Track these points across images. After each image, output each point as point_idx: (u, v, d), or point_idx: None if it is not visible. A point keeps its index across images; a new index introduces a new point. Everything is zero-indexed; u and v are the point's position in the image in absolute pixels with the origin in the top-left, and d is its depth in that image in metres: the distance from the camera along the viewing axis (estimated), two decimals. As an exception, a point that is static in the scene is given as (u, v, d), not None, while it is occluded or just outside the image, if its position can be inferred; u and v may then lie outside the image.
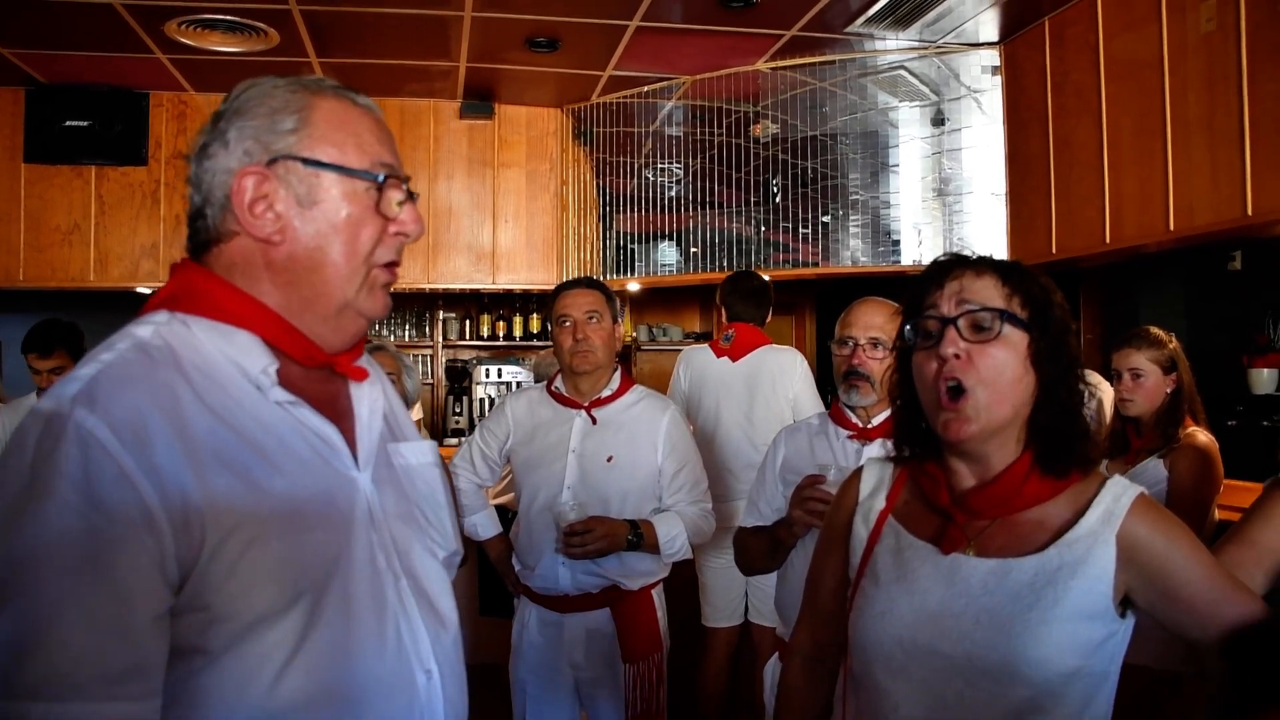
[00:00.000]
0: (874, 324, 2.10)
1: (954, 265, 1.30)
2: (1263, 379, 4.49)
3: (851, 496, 1.45)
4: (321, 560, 0.96)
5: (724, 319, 3.83)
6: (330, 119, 1.03)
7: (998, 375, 1.23)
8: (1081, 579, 1.21)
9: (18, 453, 0.87)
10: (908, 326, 1.31)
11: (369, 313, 1.06)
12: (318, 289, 1.02)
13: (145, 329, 0.98)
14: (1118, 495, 1.26)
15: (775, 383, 3.64)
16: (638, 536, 2.46)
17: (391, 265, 1.07)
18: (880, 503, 1.40)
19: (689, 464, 2.63)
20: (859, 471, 1.48)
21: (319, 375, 1.07)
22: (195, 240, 1.05)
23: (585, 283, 2.69)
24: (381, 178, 1.04)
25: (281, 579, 0.92)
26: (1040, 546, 1.24)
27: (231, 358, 0.98)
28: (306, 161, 1.01)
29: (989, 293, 1.26)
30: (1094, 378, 2.93)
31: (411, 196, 1.07)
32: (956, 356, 1.23)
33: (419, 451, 1.19)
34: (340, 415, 1.06)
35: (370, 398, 1.11)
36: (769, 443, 3.66)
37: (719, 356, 3.75)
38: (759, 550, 2.22)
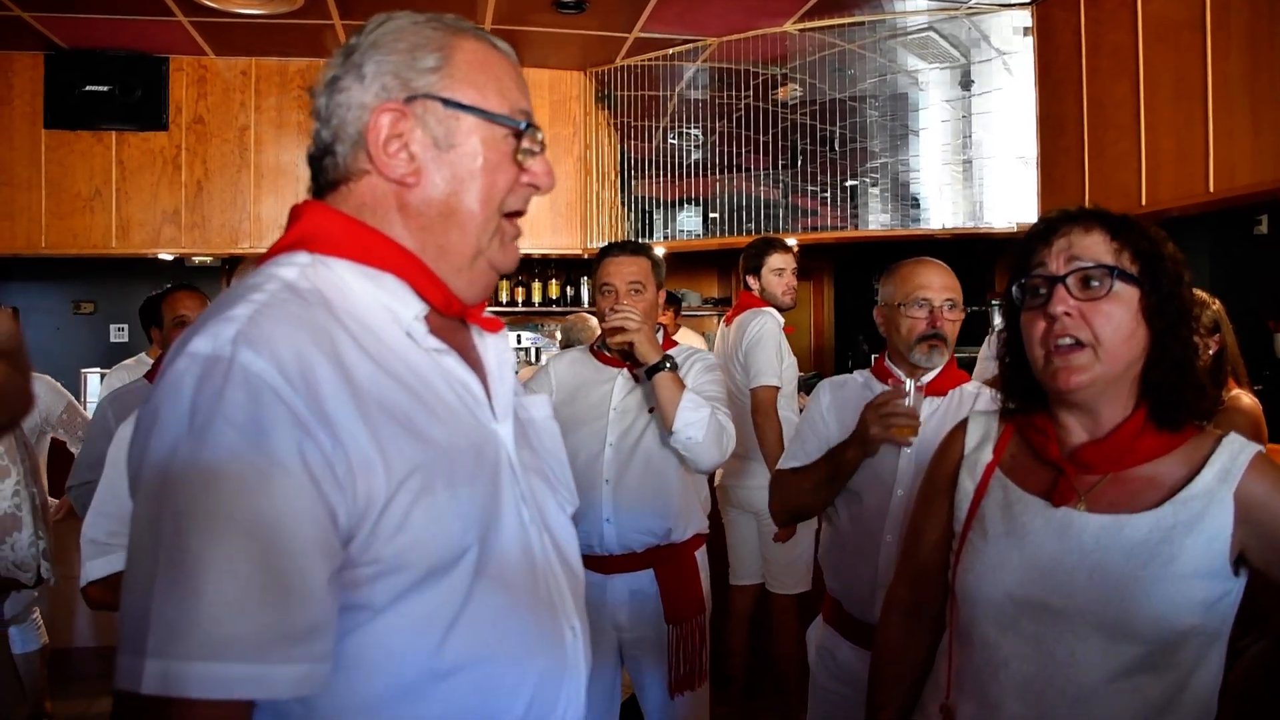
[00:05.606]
0: (949, 285, 2.10)
1: (1061, 221, 1.28)
2: (1289, 343, 4.48)
3: (956, 450, 1.44)
4: (480, 513, 0.92)
5: None
6: (472, 60, 0.97)
7: (1112, 332, 1.22)
8: (1197, 536, 1.19)
9: (171, 400, 0.79)
10: (1015, 286, 1.30)
11: (500, 265, 1.02)
12: (451, 236, 0.97)
13: (289, 270, 0.91)
14: (1235, 453, 1.23)
15: (740, 341, 3.68)
16: (672, 364, 2.41)
17: (516, 215, 1.02)
18: (987, 455, 1.39)
19: (709, 386, 2.56)
20: (964, 424, 1.47)
21: (452, 325, 1.02)
22: (320, 179, 0.99)
23: (631, 248, 2.61)
24: (524, 125, 0.99)
25: (449, 531, 0.88)
26: (1154, 503, 1.22)
27: (382, 302, 0.93)
28: (447, 102, 0.95)
29: (1098, 249, 1.24)
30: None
31: (543, 147, 1.02)
32: (1068, 315, 1.22)
33: (540, 404, 1.16)
34: (474, 366, 1.01)
35: (497, 348, 1.06)
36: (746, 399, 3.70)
37: (726, 325, 3.90)
38: (810, 483, 2.14)
